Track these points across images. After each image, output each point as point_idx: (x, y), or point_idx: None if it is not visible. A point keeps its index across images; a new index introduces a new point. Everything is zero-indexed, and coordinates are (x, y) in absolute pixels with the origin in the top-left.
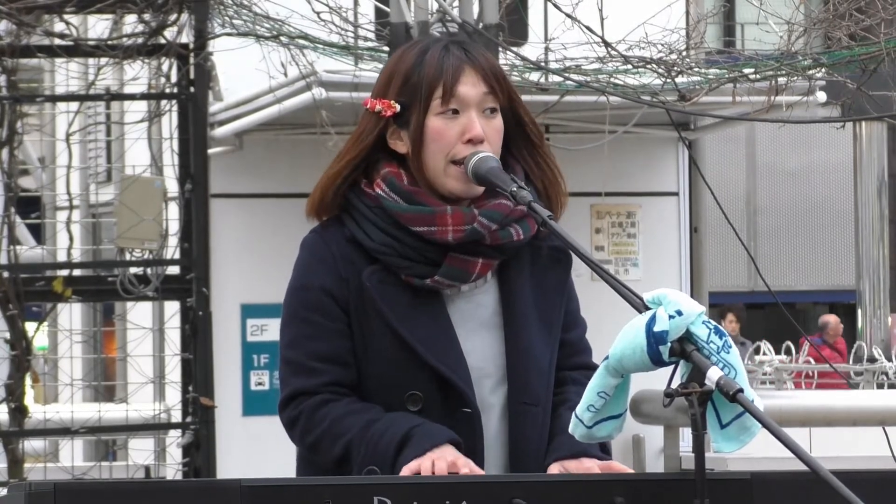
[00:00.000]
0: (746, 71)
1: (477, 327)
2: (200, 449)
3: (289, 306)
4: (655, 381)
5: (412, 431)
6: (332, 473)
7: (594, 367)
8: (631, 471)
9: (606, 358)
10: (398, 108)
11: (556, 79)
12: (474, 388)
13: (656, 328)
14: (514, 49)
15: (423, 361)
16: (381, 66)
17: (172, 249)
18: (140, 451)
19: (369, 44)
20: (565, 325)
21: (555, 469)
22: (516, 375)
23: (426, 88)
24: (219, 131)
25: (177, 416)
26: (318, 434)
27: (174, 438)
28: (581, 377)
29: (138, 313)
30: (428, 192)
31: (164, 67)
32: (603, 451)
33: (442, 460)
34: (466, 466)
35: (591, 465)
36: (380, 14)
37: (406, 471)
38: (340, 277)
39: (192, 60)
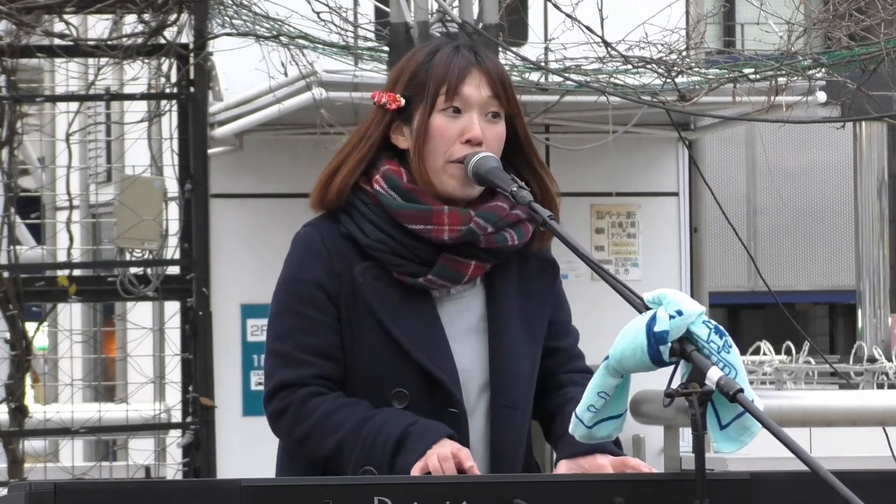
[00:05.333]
0: (746, 71)
1: (465, 331)
2: (200, 449)
3: (279, 299)
4: (655, 381)
5: (408, 430)
6: (320, 467)
7: (590, 371)
8: (645, 466)
9: (606, 358)
10: (403, 102)
11: (556, 79)
12: (461, 390)
13: (657, 328)
14: (514, 49)
15: (412, 360)
16: (380, 66)
17: (172, 249)
18: (140, 451)
19: (369, 44)
20: (557, 333)
21: (567, 465)
22: (497, 379)
23: (432, 85)
24: (219, 131)
25: (177, 417)
26: (308, 428)
27: (174, 438)
28: (580, 379)
29: (138, 313)
30: (426, 192)
31: (164, 67)
32: (616, 446)
33: (449, 461)
34: (469, 459)
35: (604, 462)
36: (380, 14)
37: (415, 471)
38: (333, 272)
39: (191, 60)
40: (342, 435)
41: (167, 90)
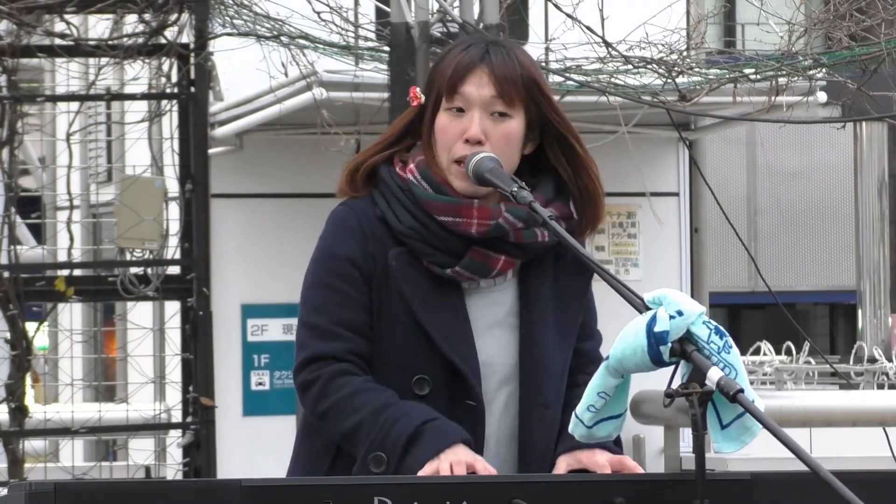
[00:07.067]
0: (747, 71)
1: (490, 324)
2: (201, 449)
3: (314, 275)
4: (656, 381)
5: (425, 426)
6: (337, 446)
7: None
8: (640, 468)
9: (607, 358)
10: (422, 99)
11: (557, 79)
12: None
13: (657, 328)
14: None
15: (437, 349)
16: (381, 66)
17: (173, 249)
18: (140, 451)
19: (370, 44)
20: (581, 336)
21: (566, 459)
22: (529, 377)
23: (437, 84)
24: (219, 131)
25: (177, 416)
26: (331, 403)
27: (174, 438)
28: None
29: (139, 313)
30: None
31: (165, 67)
32: (615, 445)
33: (460, 465)
34: (485, 469)
35: (602, 458)
36: (380, 14)
37: (425, 473)
38: (367, 252)
39: (192, 60)
40: (360, 417)
41: (168, 90)
